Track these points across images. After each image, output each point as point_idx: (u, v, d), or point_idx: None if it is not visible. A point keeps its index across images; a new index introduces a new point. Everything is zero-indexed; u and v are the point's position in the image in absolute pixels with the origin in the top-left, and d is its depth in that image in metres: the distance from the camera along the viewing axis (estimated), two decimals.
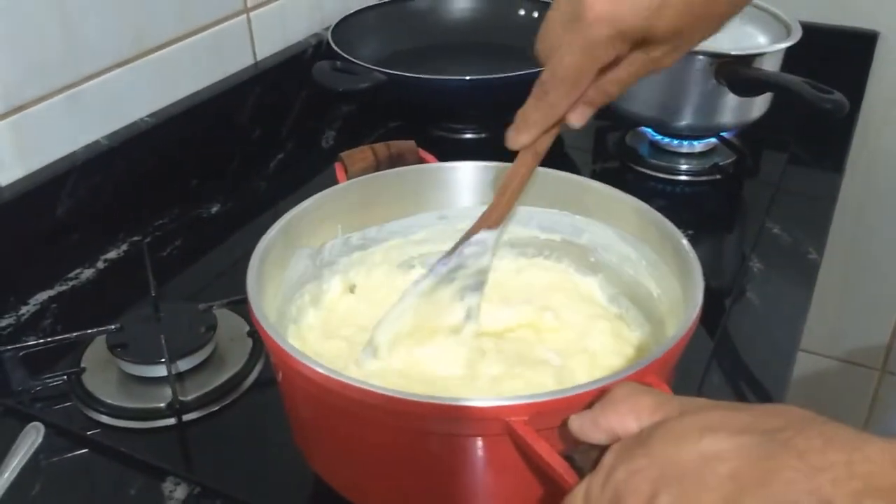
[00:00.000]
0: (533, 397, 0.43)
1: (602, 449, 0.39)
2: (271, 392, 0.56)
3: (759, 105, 0.91)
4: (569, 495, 0.39)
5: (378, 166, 0.67)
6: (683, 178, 0.94)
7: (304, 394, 0.49)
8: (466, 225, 0.67)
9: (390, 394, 0.44)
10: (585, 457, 0.39)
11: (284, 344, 0.47)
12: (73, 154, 0.80)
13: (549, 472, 0.40)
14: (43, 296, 0.76)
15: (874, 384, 1.25)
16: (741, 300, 0.77)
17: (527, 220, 0.66)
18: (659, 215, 0.58)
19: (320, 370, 0.45)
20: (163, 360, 0.63)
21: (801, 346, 1.30)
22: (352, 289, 0.64)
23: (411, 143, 0.69)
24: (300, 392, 0.50)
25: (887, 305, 1.20)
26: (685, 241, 0.55)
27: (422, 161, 0.69)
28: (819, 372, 1.27)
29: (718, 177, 0.93)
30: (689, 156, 0.96)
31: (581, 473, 0.39)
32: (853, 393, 1.26)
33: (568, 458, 0.40)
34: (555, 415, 0.43)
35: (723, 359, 0.70)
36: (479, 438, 0.45)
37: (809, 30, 0.94)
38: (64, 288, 0.77)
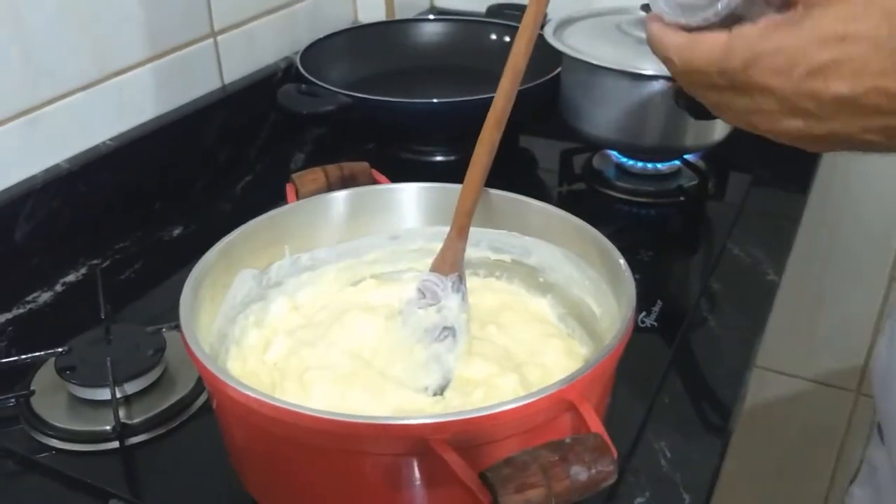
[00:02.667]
0: (453, 415, 0.43)
1: (515, 467, 0.39)
2: None
3: (721, 128, 0.92)
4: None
5: (330, 187, 0.67)
6: (648, 199, 0.94)
7: (234, 417, 0.49)
8: (418, 245, 0.68)
9: (314, 413, 0.44)
10: (498, 475, 0.39)
11: (211, 365, 0.47)
12: (33, 177, 0.81)
13: (464, 489, 0.40)
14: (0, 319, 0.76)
15: (849, 406, 1.24)
16: (699, 320, 0.77)
17: (477, 242, 0.66)
18: (599, 235, 0.58)
19: (246, 392, 0.45)
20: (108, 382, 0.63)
21: (776, 367, 1.30)
22: None
23: (364, 165, 0.70)
24: (230, 415, 0.50)
25: (861, 327, 1.19)
26: (622, 261, 0.55)
27: (375, 182, 0.69)
28: (794, 394, 1.26)
29: (682, 199, 0.94)
30: (653, 178, 0.96)
31: (493, 490, 0.39)
32: (828, 414, 1.25)
33: (482, 476, 0.40)
34: (475, 433, 0.43)
35: (678, 376, 0.70)
36: (405, 458, 0.45)
37: None
38: (21, 311, 0.77)
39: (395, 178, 0.69)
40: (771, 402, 1.26)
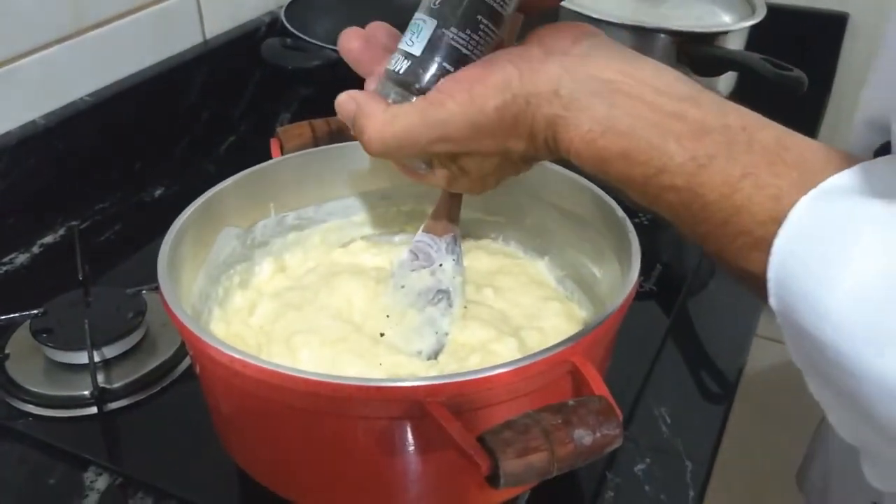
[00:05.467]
0: (450, 377, 0.41)
1: (516, 431, 0.37)
2: None
3: (724, 86, 0.89)
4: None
5: (317, 143, 0.64)
6: None
7: (217, 380, 0.47)
8: (410, 206, 0.65)
9: (303, 375, 0.41)
10: (498, 439, 0.37)
11: (192, 324, 0.44)
12: (8, 134, 0.77)
13: (462, 453, 0.38)
14: None
15: None
16: (699, 285, 0.75)
17: (471, 201, 0.63)
18: (602, 194, 0.56)
19: (230, 353, 0.42)
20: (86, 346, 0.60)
21: (775, 336, 1.28)
22: None
23: None
24: (213, 378, 0.47)
25: None
26: (626, 219, 0.52)
27: None
28: (792, 361, 1.25)
29: None
30: None
31: (492, 455, 0.36)
32: None
33: (480, 440, 0.37)
34: (472, 396, 0.41)
35: (678, 342, 0.68)
36: (399, 422, 0.43)
37: (780, 12, 0.93)
38: None
39: None
40: (767, 369, 1.24)
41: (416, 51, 0.42)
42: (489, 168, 0.45)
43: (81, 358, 0.61)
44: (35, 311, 0.64)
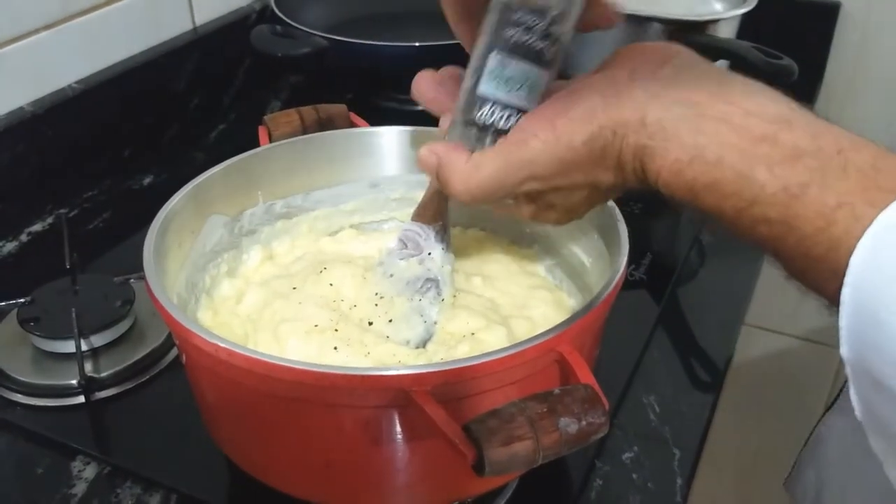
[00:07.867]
0: (435, 366, 0.41)
1: (501, 420, 0.37)
2: None
3: None
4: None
5: (305, 131, 0.63)
6: None
7: (203, 369, 0.47)
8: (399, 194, 0.65)
9: (288, 364, 0.41)
10: (483, 427, 0.37)
11: (177, 313, 0.44)
12: None
13: (448, 442, 0.38)
14: None
15: (835, 362, 1.23)
16: (689, 274, 0.75)
17: None
18: None
19: (215, 342, 0.42)
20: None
21: (763, 324, 1.29)
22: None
23: (342, 108, 0.66)
24: (199, 368, 0.47)
25: None
26: (615, 208, 0.52)
27: (353, 126, 0.66)
28: (781, 350, 1.25)
29: None
30: None
31: (477, 443, 0.36)
32: (815, 371, 1.25)
33: (465, 429, 0.37)
34: (458, 385, 0.40)
35: (667, 331, 0.68)
36: (385, 411, 0.43)
37: (771, 0, 0.92)
38: None
39: (376, 126, 0.66)
40: (758, 359, 1.25)
41: (482, 89, 0.42)
42: (577, 200, 0.43)
43: (69, 347, 0.61)
44: (22, 300, 0.64)
